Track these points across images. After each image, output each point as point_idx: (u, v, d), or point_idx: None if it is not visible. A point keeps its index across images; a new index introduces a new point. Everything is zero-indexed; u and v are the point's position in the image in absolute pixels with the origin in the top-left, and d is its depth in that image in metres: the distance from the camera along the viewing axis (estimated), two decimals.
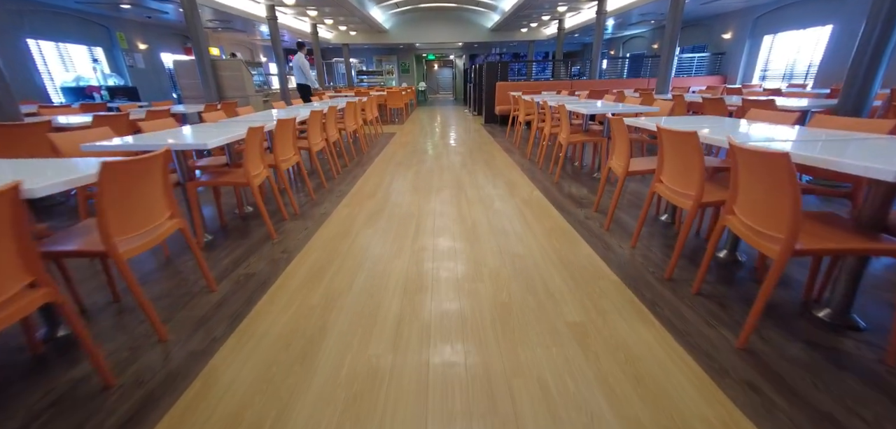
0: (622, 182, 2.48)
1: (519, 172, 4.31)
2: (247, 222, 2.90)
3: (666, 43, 5.79)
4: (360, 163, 5.01)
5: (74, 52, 7.11)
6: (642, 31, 12.02)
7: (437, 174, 4.30)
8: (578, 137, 3.76)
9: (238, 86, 5.98)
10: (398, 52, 17.98)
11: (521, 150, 5.63)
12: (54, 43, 6.57)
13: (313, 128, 3.78)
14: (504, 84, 8.66)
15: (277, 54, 8.45)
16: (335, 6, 8.86)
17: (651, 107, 3.60)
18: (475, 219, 2.89)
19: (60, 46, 6.71)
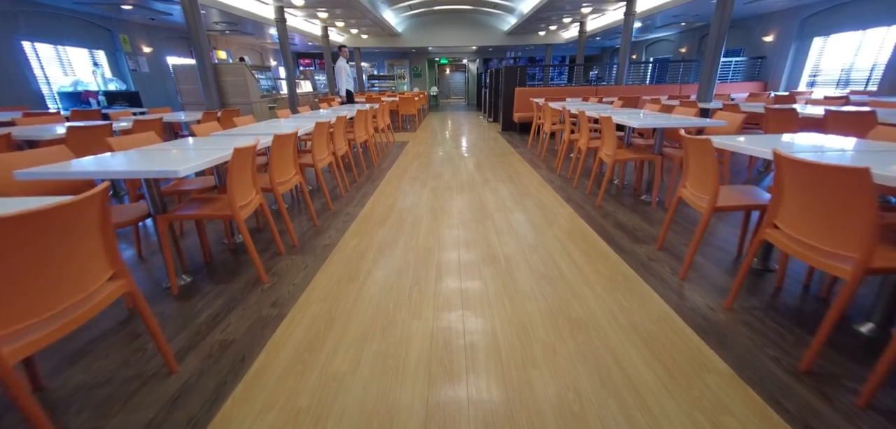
0: (708, 220, 1.92)
1: (551, 192, 3.76)
2: (237, 256, 2.43)
3: (711, 46, 5.18)
4: (370, 177, 4.53)
5: (75, 55, 6.86)
6: (669, 35, 11.35)
7: (456, 193, 3.78)
8: (626, 155, 3.20)
9: (241, 91, 5.59)
10: (410, 56, 17.61)
11: (548, 164, 5.08)
12: (53, 45, 6.31)
13: (319, 142, 3.30)
14: (524, 90, 8.13)
15: (286, 58, 8.10)
16: (346, 8, 8.49)
17: (717, 120, 3.03)
18: (509, 257, 2.36)
19: (59, 49, 6.46)
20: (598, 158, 3.54)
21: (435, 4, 12.06)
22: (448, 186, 4.07)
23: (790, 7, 7.20)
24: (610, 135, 3.19)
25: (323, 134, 3.38)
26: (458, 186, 4.06)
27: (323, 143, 3.43)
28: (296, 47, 14.86)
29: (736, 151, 1.93)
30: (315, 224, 3.00)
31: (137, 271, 2.25)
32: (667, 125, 3.03)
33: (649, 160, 3.24)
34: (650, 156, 3.19)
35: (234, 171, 1.91)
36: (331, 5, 8.24)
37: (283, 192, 2.61)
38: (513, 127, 8.55)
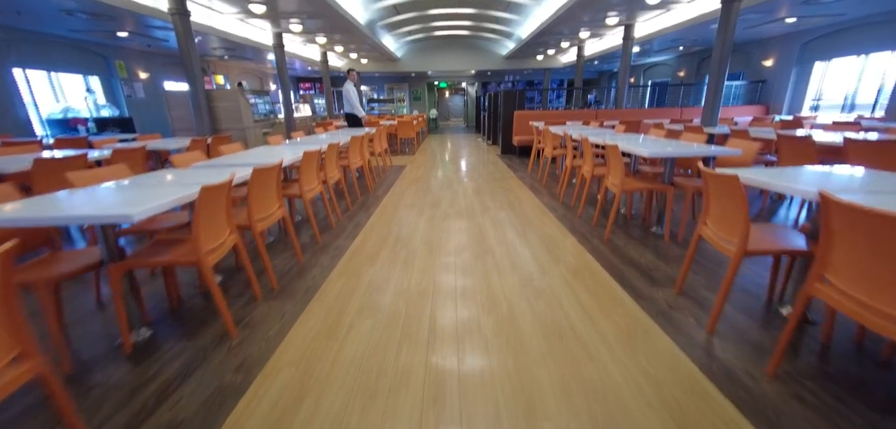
0: (737, 266, 1.68)
1: (554, 222, 3.54)
2: (209, 302, 2.18)
3: (714, 70, 5.07)
4: (364, 205, 4.32)
5: (69, 82, 6.78)
6: (666, 59, 11.41)
7: (454, 222, 3.55)
8: (635, 185, 2.99)
9: (234, 117, 5.46)
10: (410, 79, 17.78)
11: (549, 190, 4.88)
12: (45, 71, 6.23)
13: (307, 172, 3.10)
14: (522, 113, 8.04)
15: (283, 83, 8.05)
16: (345, 33, 8.52)
17: (731, 149, 2.83)
18: (512, 302, 2.11)
19: (52, 76, 6.38)
20: (604, 186, 3.34)
21: (434, 30, 12.20)
22: (446, 215, 3.85)
23: (789, 32, 7.19)
24: (617, 164, 2.99)
25: (312, 163, 3.19)
26: (457, 215, 3.84)
27: (312, 172, 3.23)
28: (296, 72, 14.99)
29: (767, 188, 1.71)
30: (299, 261, 2.75)
31: (91, 323, 1.99)
32: (678, 154, 2.83)
33: (662, 191, 3.02)
34: (661, 186, 2.98)
35: (202, 212, 1.68)
36: (330, 31, 8.27)
37: (265, 228, 2.39)
38: (512, 150, 8.42)
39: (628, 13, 7.08)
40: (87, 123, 5.96)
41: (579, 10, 6.72)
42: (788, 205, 3.87)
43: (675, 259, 2.64)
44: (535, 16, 8.84)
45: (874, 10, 5.53)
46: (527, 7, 8.56)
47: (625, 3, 6.37)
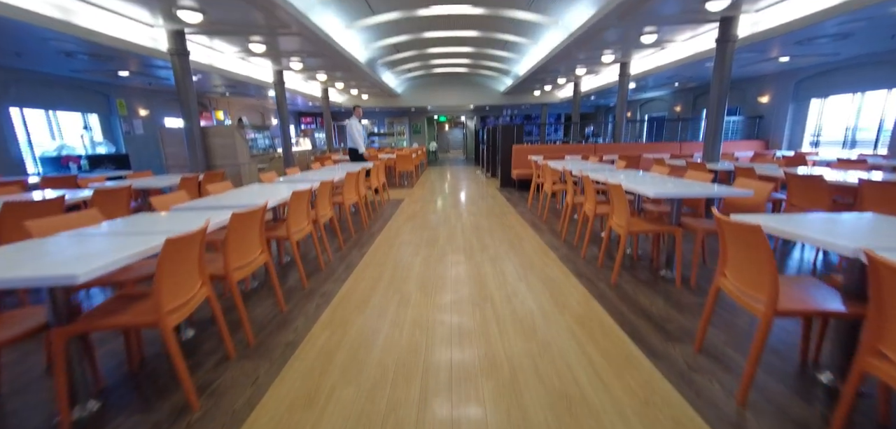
0: (769, 326, 1.48)
1: (557, 263, 3.35)
2: (173, 363, 1.95)
3: (712, 107, 5.06)
4: (358, 243, 4.14)
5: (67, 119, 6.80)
6: (663, 94, 11.62)
7: (451, 263, 3.36)
8: (642, 226, 2.83)
9: (229, 153, 5.40)
10: (410, 114, 18.11)
11: (550, 226, 4.72)
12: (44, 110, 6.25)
13: (296, 212, 2.95)
14: (521, 147, 8.03)
15: (283, 120, 8.11)
16: (345, 70, 8.70)
17: (741, 190, 2.69)
18: (514, 361, 1.89)
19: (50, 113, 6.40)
20: (609, 225, 3.18)
21: (433, 68, 12.52)
22: (442, 255, 3.66)
23: (784, 70, 7.30)
24: (621, 204, 2.84)
25: (302, 203, 3.04)
26: (454, 254, 3.65)
27: (302, 212, 3.08)
28: (297, 107, 15.27)
29: (793, 239, 1.54)
30: (282, 308, 2.54)
31: (33, 394, 1.75)
32: (686, 195, 2.69)
33: (670, 233, 2.86)
34: (668, 228, 2.82)
35: (166, 267, 1.51)
36: (331, 69, 8.44)
37: (245, 276, 2.20)
38: (511, 183, 8.35)
39: (623, 51, 7.23)
40: (80, 160, 5.90)
41: (575, 49, 6.86)
42: (802, 244, 3.70)
43: (688, 308, 2.44)
44: (532, 54, 9.05)
45: (867, 50, 5.62)
46: (523, 46, 8.78)
47: (620, 42, 6.51)
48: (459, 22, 7.38)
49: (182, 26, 4.66)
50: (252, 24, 4.91)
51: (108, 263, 1.30)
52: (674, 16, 4.84)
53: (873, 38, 4.94)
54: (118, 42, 4.62)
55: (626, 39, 6.28)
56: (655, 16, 4.83)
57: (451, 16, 6.86)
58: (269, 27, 5.11)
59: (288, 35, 5.45)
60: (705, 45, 6.24)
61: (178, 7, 4.00)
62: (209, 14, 4.33)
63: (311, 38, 5.79)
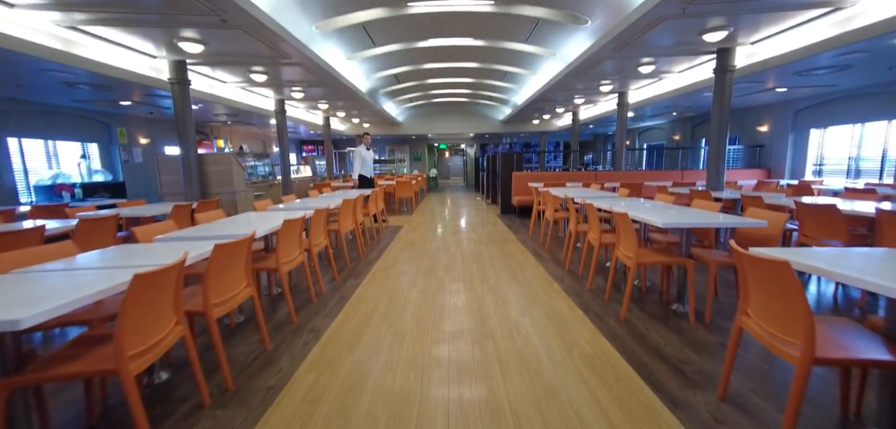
0: (806, 376, 1.31)
1: (562, 295, 3.17)
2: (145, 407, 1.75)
3: (714, 135, 5.03)
4: (354, 272, 3.97)
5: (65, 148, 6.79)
6: (661, 123, 11.76)
7: (450, 295, 3.19)
8: (651, 257, 2.69)
9: (225, 181, 5.34)
10: (411, 141, 18.32)
11: (553, 255, 4.56)
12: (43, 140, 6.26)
13: (287, 242, 2.81)
14: (521, 174, 7.99)
15: (282, 148, 8.14)
16: (347, 100, 8.82)
17: (754, 220, 2.57)
18: (518, 411, 1.70)
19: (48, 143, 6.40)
20: (615, 256, 3.03)
21: (433, 97, 12.74)
22: (440, 286, 3.49)
23: (782, 100, 7.37)
24: (628, 234, 2.70)
25: (293, 232, 2.91)
26: (453, 284, 3.48)
27: (293, 242, 2.94)
28: (299, 135, 15.45)
29: (826, 276, 1.39)
30: (266, 348, 2.36)
31: None
32: (698, 224, 2.57)
33: (680, 264, 2.71)
34: (679, 259, 2.67)
35: (131, 306, 1.36)
36: (332, 98, 8.55)
37: (228, 311, 2.03)
38: (512, 210, 8.26)
39: (621, 82, 7.33)
40: (75, 189, 5.82)
41: (573, 79, 6.94)
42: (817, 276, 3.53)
43: (706, 348, 2.25)
44: (531, 84, 9.20)
45: (866, 82, 5.67)
46: (522, 76, 8.93)
47: (617, 73, 6.59)
48: (459, 54, 7.53)
49: (182, 57, 4.71)
50: (254, 54, 4.97)
51: (60, 305, 1.16)
52: (670, 47, 4.90)
53: (872, 70, 4.98)
54: (120, 72, 4.66)
55: (623, 70, 6.37)
56: (651, 47, 4.89)
57: (451, 47, 7.00)
58: (271, 58, 5.17)
59: (289, 65, 5.52)
60: (702, 76, 6.31)
61: (180, 39, 4.04)
62: (210, 45, 4.37)
63: (312, 69, 5.86)
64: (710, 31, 4.17)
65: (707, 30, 4.16)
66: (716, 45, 4.70)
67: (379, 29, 5.78)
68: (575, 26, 5.35)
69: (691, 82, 6.70)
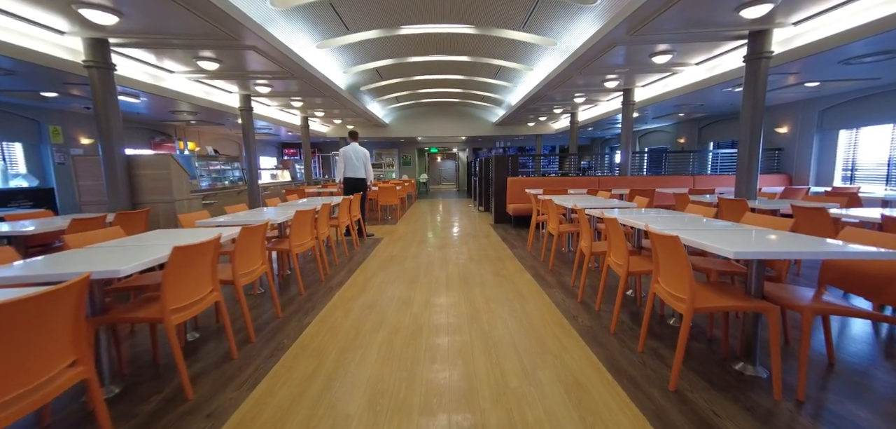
0: None
1: (580, 346, 2.33)
2: None
3: (745, 136, 4.27)
4: (305, 305, 3.07)
5: None
6: (664, 125, 11.09)
7: (425, 347, 2.31)
8: (716, 301, 1.86)
9: (163, 188, 4.40)
10: (399, 145, 17.44)
11: (558, 278, 3.72)
12: None
13: (178, 280, 1.90)
14: (517, 180, 7.18)
15: (249, 149, 7.21)
16: (323, 96, 7.93)
17: (884, 249, 1.75)
18: None
19: None
20: (652, 292, 2.19)
21: (422, 97, 11.91)
22: (417, 327, 2.62)
23: (806, 99, 6.67)
24: (680, 266, 1.87)
25: (195, 264, 2.00)
26: (433, 327, 2.61)
27: (195, 279, 2.03)
28: (279, 137, 14.48)
29: None
30: None
31: None
32: (781, 254, 1.74)
33: (750, 310, 1.88)
34: (755, 304, 1.85)
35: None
36: (306, 94, 7.65)
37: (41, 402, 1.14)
38: (506, 219, 7.44)
39: (628, 77, 6.59)
40: None
41: (576, 73, 6.17)
42: None
43: None
44: (527, 81, 8.43)
45: None
46: (517, 73, 8.15)
47: (626, 65, 5.83)
48: (447, 44, 6.72)
49: (100, 34, 3.79)
50: (196, 34, 4.08)
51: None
52: (694, 28, 4.15)
53: None
54: (19, 52, 3.72)
55: (634, 61, 5.61)
56: (673, 28, 4.12)
57: (438, 35, 6.18)
58: (217, 39, 4.28)
59: (243, 49, 4.63)
60: (724, 67, 5.58)
61: (82, 5, 3.14)
62: (129, 17, 3.47)
63: (273, 57, 4.98)
64: (749, 5, 3.40)
65: (746, 3, 3.40)
66: (750, 26, 3.95)
67: (351, 10, 4.93)
68: (580, 7, 4.57)
69: (707, 77, 5.97)
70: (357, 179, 6.11)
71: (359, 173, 6.11)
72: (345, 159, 6.03)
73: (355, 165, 6.08)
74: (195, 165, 8.27)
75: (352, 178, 6.10)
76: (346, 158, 6.03)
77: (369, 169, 6.26)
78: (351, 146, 6.07)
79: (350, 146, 6.07)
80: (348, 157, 6.03)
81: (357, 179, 6.12)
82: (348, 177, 6.09)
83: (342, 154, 6.03)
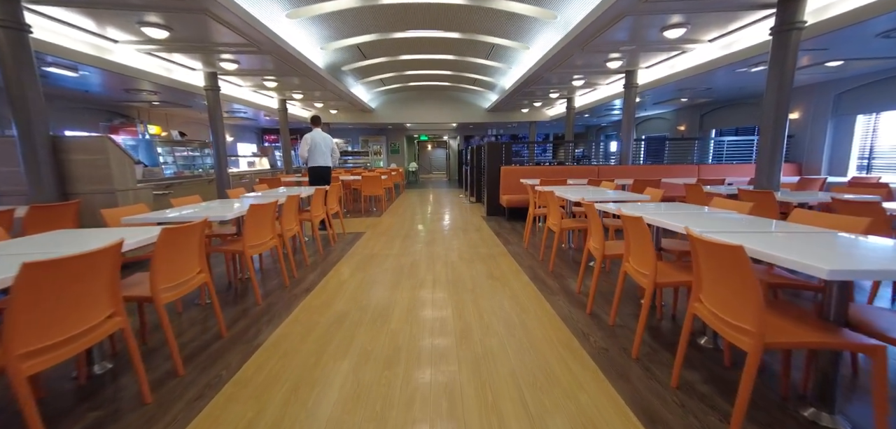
0: None
1: (595, 376, 1.84)
2: None
3: (769, 119, 3.80)
4: (262, 319, 2.51)
5: None
6: (663, 112, 10.65)
7: (401, 382, 1.79)
8: (798, 336, 1.36)
9: (101, 177, 3.74)
10: (387, 132, 16.69)
11: (562, 282, 3.22)
12: None
13: (28, 310, 1.32)
14: (511, 169, 6.65)
15: (215, 132, 6.50)
16: (300, 76, 7.22)
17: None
18: None
19: None
20: (691, 312, 1.70)
21: (409, 80, 11.20)
22: (393, 354, 2.09)
23: (821, 81, 6.23)
24: (743, 286, 1.36)
25: (84, 279, 1.42)
26: (413, 353, 2.08)
27: (79, 303, 1.46)
28: (259, 123, 13.61)
29: None
30: None
31: None
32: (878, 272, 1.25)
33: (829, 346, 1.40)
34: (858, 345, 1.36)
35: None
36: (280, 73, 6.93)
37: None
38: (500, 211, 6.93)
39: (631, 57, 6.06)
40: None
41: (576, 49, 5.61)
42: None
43: None
44: (522, 62, 7.84)
45: None
46: (512, 52, 7.55)
47: (632, 41, 5.27)
48: (435, 17, 6.07)
49: None
50: None
51: None
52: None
53: None
54: None
55: (640, 37, 5.07)
56: None
57: (424, 4, 5.53)
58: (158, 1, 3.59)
59: (191, 13, 3.93)
60: (737, 46, 5.09)
61: None
62: None
63: (231, 22, 4.28)
64: None
65: None
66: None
67: None
68: None
69: (720, 56, 5.48)
70: (325, 168, 5.53)
71: (327, 161, 5.53)
72: (312, 145, 5.41)
73: (323, 153, 5.48)
74: (157, 152, 7.55)
75: (321, 166, 5.50)
76: (314, 144, 5.41)
77: (337, 158, 5.70)
78: (317, 131, 5.47)
79: (316, 131, 5.46)
80: (316, 143, 5.42)
81: (325, 168, 5.53)
82: (317, 165, 5.49)
83: (310, 140, 5.40)
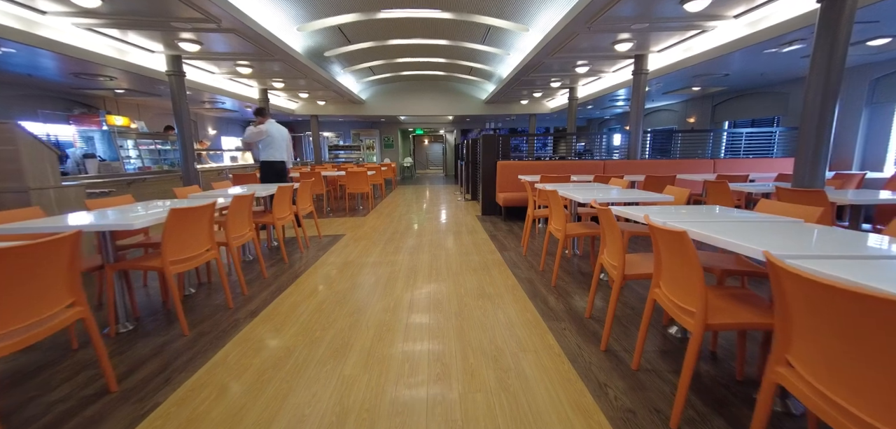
0: None
1: None
2: None
3: (814, 105, 3.19)
4: (178, 359, 1.89)
5: None
6: (672, 103, 10.00)
7: None
8: None
9: (9, 172, 3.10)
10: (380, 125, 16.00)
11: (568, 304, 2.62)
12: None
13: None
14: (508, 164, 6.03)
15: (180, 123, 5.85)
16: (279, 62, 6.55)
17: None
18: None
19: None
20: (773, 379, 1.09)
21: (401, 69, 10.52)
22: (336, 423, 1.48)
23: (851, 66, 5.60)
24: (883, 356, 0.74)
25: None
26: (362, 421, 1.47)
27: None
28: (244, 115, 12.90)
29: None
30: None
31: None
32: None
33: None
34: None
35: None
36: (253, 58, 6.26)
37: None
38: (496, 210, 6.33)
39: (642, 38, 5.42)
40: None
41: (582, 28, 4.96)
42: None
43: None
44: (521, 46, 7.18)
45: None
46: (510, 36, 6.89)
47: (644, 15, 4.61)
48: None
49: None
50: None
51: None
52: None
53: None
54: None
55: (655, 11, 4.42)
56: None
57: None
58: None
59: None
60: (767, 22, 4.45)
61: None
62: None
63: None
64: None
65: None
66: None
67: None
68: None
69: (746, 34, 4.84)
70: (281, 162, 4.87)
71: (283, 156, 4.87)
72: (268, 136, 4.69)
73: (280, 146, 4.81)
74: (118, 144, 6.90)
75: (277, 161, 4.83)
76: (270, 136, 4.71)
77: (291, 153, 5.05)
78: (271, 122, 4.77)
79: (270, 122, 4.76)
80: (271, 135, 4.72)
81: (281, 163, 4.87)
82: (272, 160, 4.81)
83: (264, 130, 4.66)
